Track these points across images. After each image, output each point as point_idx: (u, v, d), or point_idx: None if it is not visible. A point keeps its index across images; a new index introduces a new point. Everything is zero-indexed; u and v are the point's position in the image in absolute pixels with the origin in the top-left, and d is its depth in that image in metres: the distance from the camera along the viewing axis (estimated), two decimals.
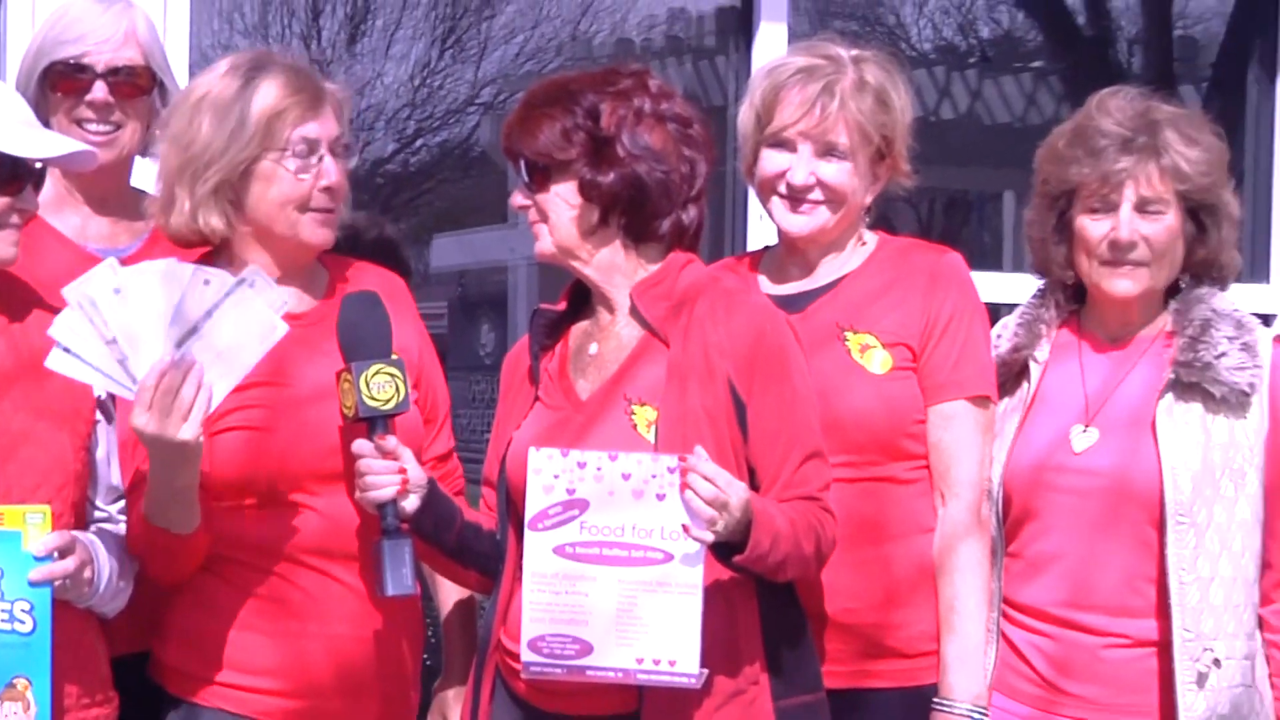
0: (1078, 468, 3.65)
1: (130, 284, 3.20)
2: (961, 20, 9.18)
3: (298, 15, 9.39)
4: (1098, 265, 3.68)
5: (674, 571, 3.17)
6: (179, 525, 3.33)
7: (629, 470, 3.18)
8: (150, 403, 3.16)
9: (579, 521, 3.19)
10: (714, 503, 3.15)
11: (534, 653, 3.20)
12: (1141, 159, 3.63)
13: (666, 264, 3.46)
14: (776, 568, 3.29)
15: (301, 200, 3.47)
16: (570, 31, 9.02)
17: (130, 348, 3.19)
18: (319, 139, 3.47)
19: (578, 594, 3.19)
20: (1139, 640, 3.62)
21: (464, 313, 10.30)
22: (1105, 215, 3.66)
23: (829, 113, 3.66)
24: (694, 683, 3.19)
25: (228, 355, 3.21)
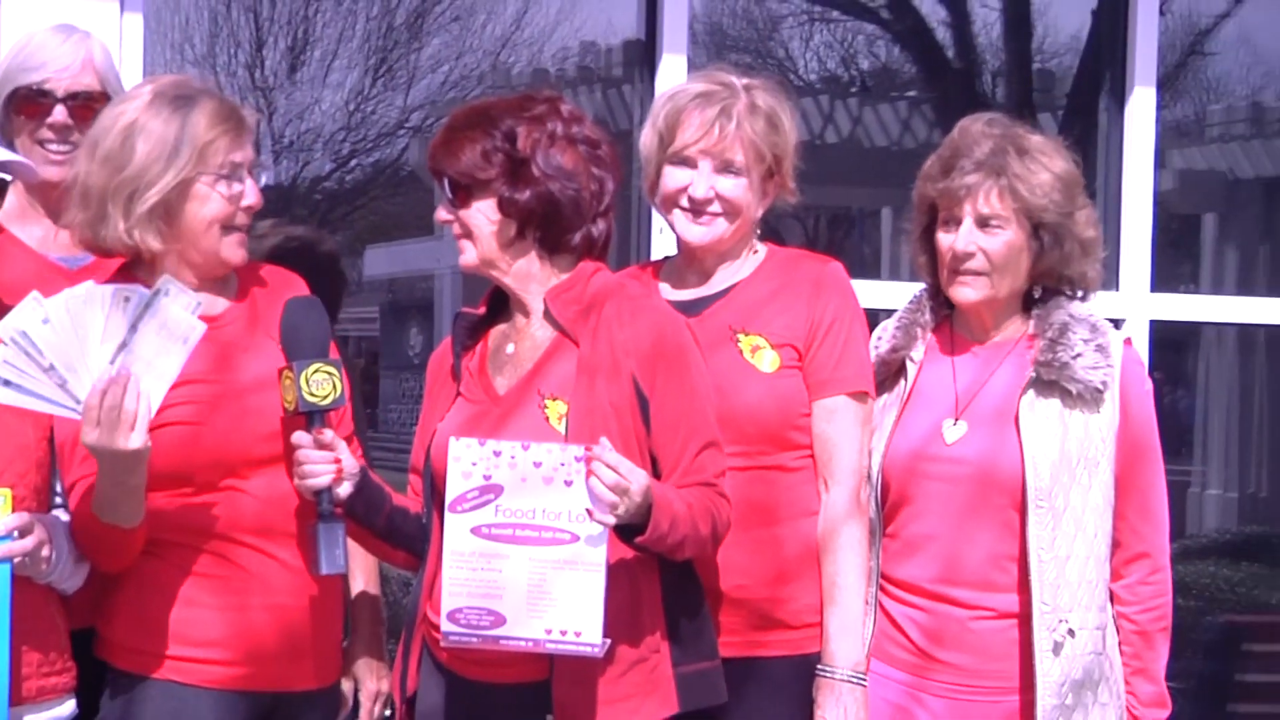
0: (949, 457, 3.66)
1: (57, 312, 3.16)
2: (844, 53, 9.21)
3: (243, 46, 9.33)
4: (947, 274, 3.70)
5: (580, 551, 3.17)
6: (127, 520, 3.30)
7: (540, 459, 3.18)
8: (97, 420, 3.14)
9: (494, 505, 3.18)
10: (616, 489, 3.15)
11: (452, 624, 3.20)
12: (984, 178, 3.64)
13: (577, 271, 3.45)
14: (675, 547, 3.30)
15: (226, 219, 3.44)
16: (491, 62, 9.01)
17: (68, 371, 3.16)
18: (242, 163, 3.45)
19: (493, 570, 3.18)
20: (1003, 613, 3.64)
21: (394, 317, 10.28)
22: (954, 229, 3.68)
23: (727, 133, 3.67)
24: (597, 652, 3.19)
25: (157, 362, 3.19)
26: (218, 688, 3.40)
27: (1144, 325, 5.48)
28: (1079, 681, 3.62)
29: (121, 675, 3.43)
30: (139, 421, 3.14)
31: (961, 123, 3.77)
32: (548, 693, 3.30)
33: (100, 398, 3.13)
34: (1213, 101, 11.08)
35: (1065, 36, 8.49)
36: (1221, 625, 8.18)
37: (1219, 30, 9.77)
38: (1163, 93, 5.93)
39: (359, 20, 9.15)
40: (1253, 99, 11.09)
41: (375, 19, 9.18)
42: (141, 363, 3.17)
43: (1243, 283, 11.20)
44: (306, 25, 9.38)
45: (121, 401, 3.13)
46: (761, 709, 3.62)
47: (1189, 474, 11.54)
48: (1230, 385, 11.64)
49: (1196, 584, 8.66)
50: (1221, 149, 11.29)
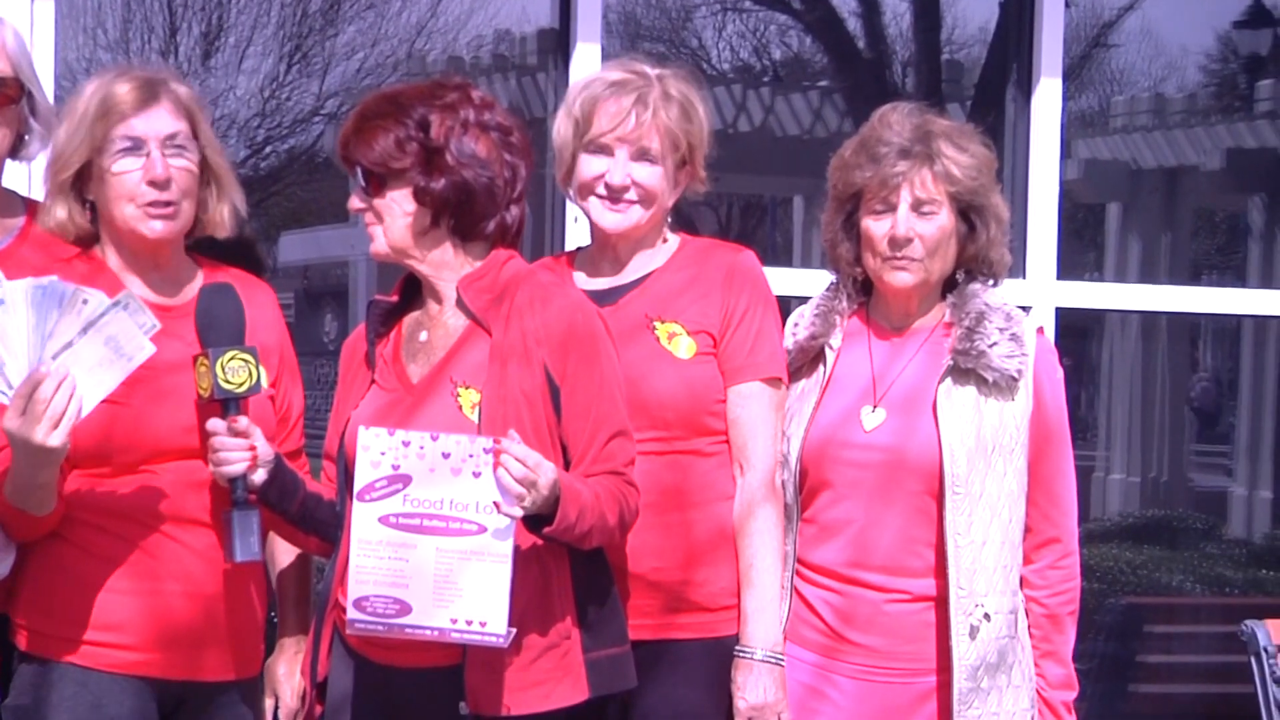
0: (866, 443, 3.67)
1: (14, 296, 3.14)
2: (756, 43, 9.24)
3: (156, 32, 9.24)
4: (880, 261, 3.70)
5: (487, 542, 3.16)
6: (37, 509, 3.27)
7: (449, 450, 3.16)
8: (23, 409, 3.10)
9: (403, 494, 3.17)
10: (524, 481, 3.14)
11: (359, 611, 3.18)
12: (916, 164, 3.65)
13: (490, 260, 3.43)
14: (583, 537, 3.29)
15: (130, 195, 3.40)
16: (406, 50, 8.96)
17: (8, 355, 3.13)
18: (144, 136, 3.40)
19: (400, 560, 3.17)
20: (918, 596, 3.65)
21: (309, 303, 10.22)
22: (885, 215, 3.68)
23: (643, 120, 3.66)
24: (502, 642, 3.18)
25: (98, 370, 3.16)
26: (126, 673, 3.36)
27: (1050, 312, 5.52)
28: (993, 664, 3.63)
29: (29, 659, 3.39)
30: (64, 421, 3.11)
31: (879, 111, 3.77)
32: (459, 678, 3.28)
33: (32, 388, 3.09)
34: (1117, 93, 11.20)
35: (973, 28, 8.55)
36: (1123, 607, 8.27)
37: (1123, 23, 9.88)
38: (1068, 84, 5.97)
39: (274, 6, 9.08)
40: (1155, 90, 11.22)
41: (290, 5, 9.11)
42: (82, 366, 3.14)
43: (1145, 270, 11.33)
44: (221, 11, 9.30)
45: (52, 396, 3.09)
46: (674, 690, 3.62)
47: (1093, 459, 11.67)
48: (1133, 372, 11.78)
49: (1099, 566, 8.75)
50: (1125, 139, 11.41)
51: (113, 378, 3.18)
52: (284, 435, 3.56)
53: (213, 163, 3.51)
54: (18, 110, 3.68)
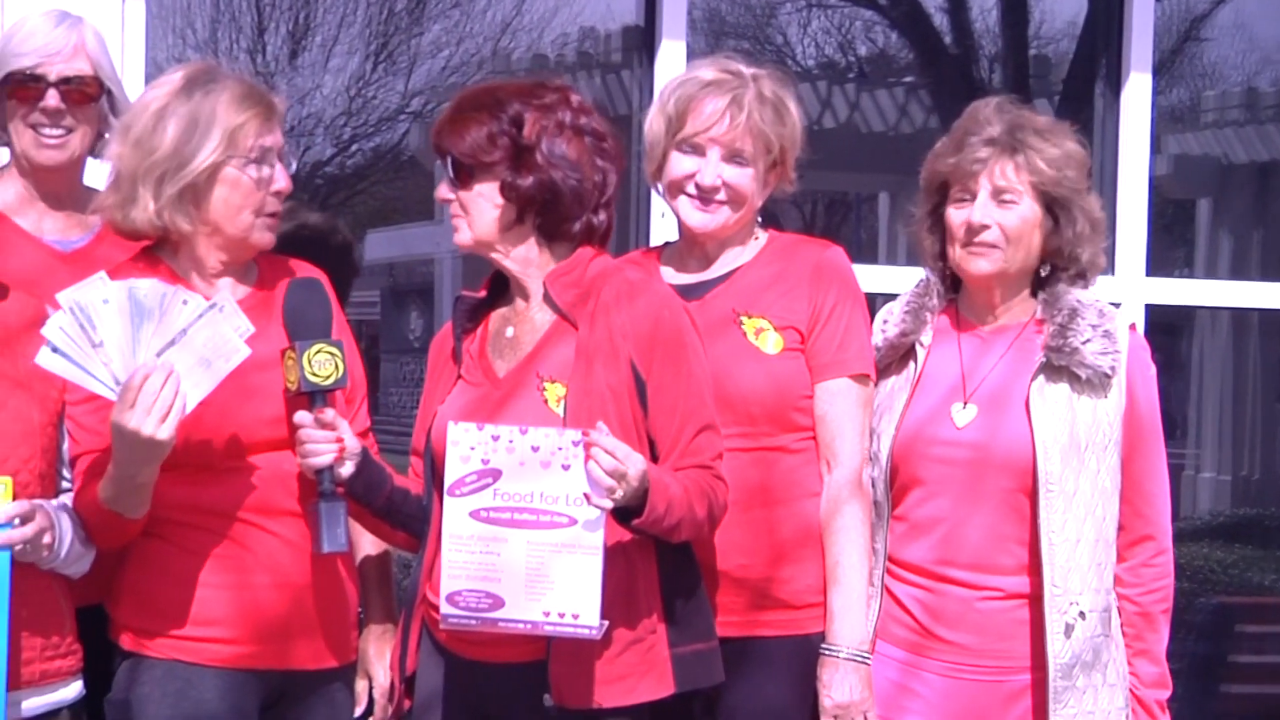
0: (957, 440, 3.66)
1: (118, 296, 3.19)
2: (841, 40, 9.20)
3: (244, 31, 9.32)
4: (959, 249, 3.69)
5: (577, 534, 3.17)
6: (132, 511, 3.30)
7: (538, 443, 3.17)
8: (133, 402, 3.13)
9: (493, 489, 3.18)
10: (613, 473, 3.14)
11: (451, 606, 3.19)
12: (999, 153, 3.65)
13: (576, 256, 3.44)
14: (671, 530, 3.29)
15: (257, 205, 3.44)
16: (491, 47, 8.99)
17: (115, 352, 3.17)
18: (271, 148, 3.45)
19: (491, 554, 3.18)
20: (1011, 593, 3.63)
21: (394, 301, 10.27)
22: (966, 203, 3.67)
23: (737, 122, 3.66)
24: (594, 634, 3.19)
25: (198, 369, 3.21)
26: (224, 666, 3.39)
27: (1139, 309, 5.47)
28: (1088, 663, 3.62)
29: (128, 655, 3.42)
30: (171, 415, 3.14)
31: (972, 105, 3.77)
32: (545, 672, 3.29)
33: (141, 381, 3.14)
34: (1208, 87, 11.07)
35: (1061, 22, 8.48)
36: (1214, 607, 8.20)
37: (1214, 16, 9.76)
38: (1158, 78, 5.90)
39: (360, 5, 9.14)
40: (1247, 84, 11.08)
41: (376, 4, 9.16)
42: (184, 365, 3.19)
43: (1236, 267, 11.20)
44: (308, 10, 9.37)
45: (160, 390, 3.14)
46: (760, 688, 3.61)
47: (1183, 457, 11.55)
48: (1224, 369, 11.64)
49: (1190, 566, 8.68)
50: (1216, 134, 11.28)
51: (210, 378, 3.22)
52: (350, 416, 3.56)
53: None
54: (98, 108, 3.74)
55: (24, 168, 3.73)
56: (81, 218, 3.77)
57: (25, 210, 3.74)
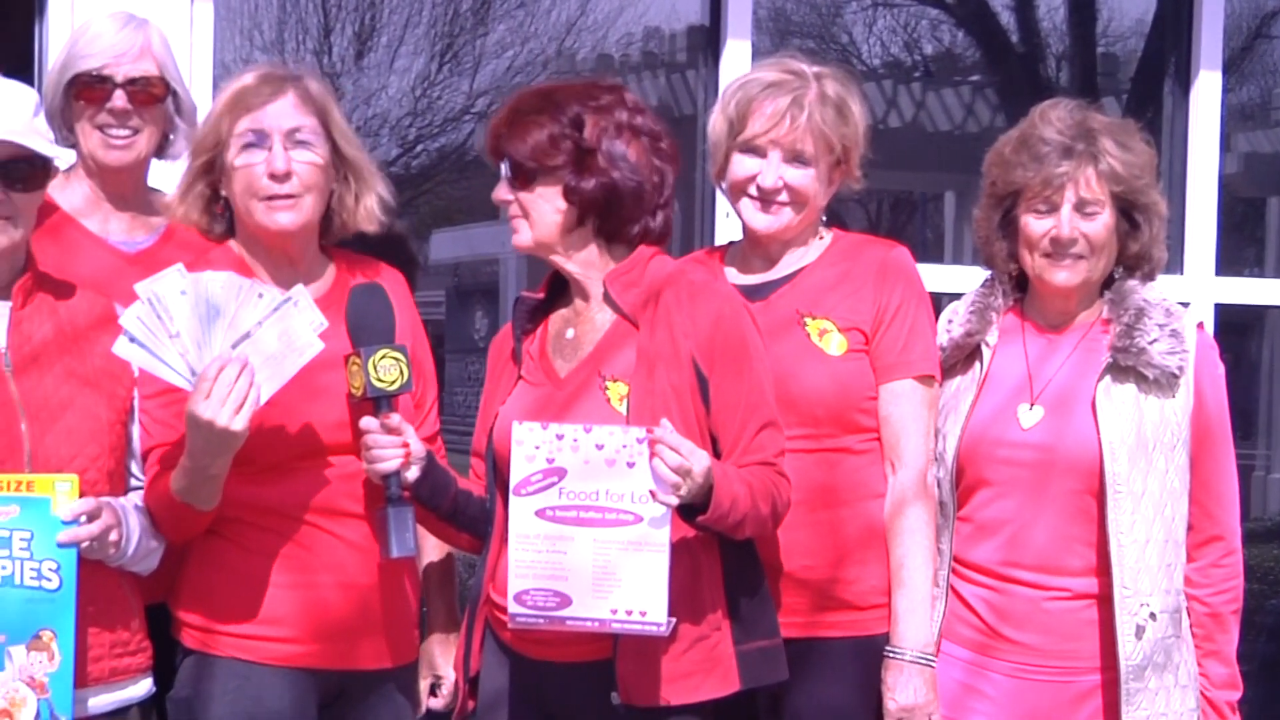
0: (1024, 441, 3.65)
1: (194, 288, 3.23)
2: (907, 38, 9.16)
3: (310, 33, 9.35)
4: (1040, 259, 3.67)
5: (644, 531, 3.17)
6: (203, 503, 3.32)
7: (602, 441, 3.18)
8: (208, 392, 3.16)
9: (558, 487, 3.19)
10: (679, 470, 3.14)
11: (519, 605, 3.20)
12: (1080, 164, 3.62)
13: (635, 255, 3.45)
14: (736, 526, 3.29)
15: (253, 188, 3.44)
16: (556, 48, 8.99)
17: (191, 343, 3.21)
18: (267, 130, 3.43)
19: (558, 553, 3.18)
20: (1079, 594, 3.62)
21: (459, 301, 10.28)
22: (1048, 215, 3.65)
23: (798, 124, 3.65)
24: (663, 631, 3.19)
25: (272, 362, 3.24)
26: (285, 665, 3.41)
27: (1209, 308, 5.44)
28: (1159, 664, 3.61)
29: (191, 654, 3.45)
30: (246, 406, 3.17)
31: (1038, 107, 3.75)
32: (611, 671, 3.30)
33: (217, 371, 3.16)
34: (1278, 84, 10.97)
35: (1130, 20, 8.41)
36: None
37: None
38: (1228, 75, 5.87)
39: (425, 6, 9.16)
40: None
41: (441, 4, 9.19)
42: (259, 357, 3.22)
43: None
44: (373, 11, 9.40)
45: (235, 381, 3.16)
46: (824, 689, 3.62)
47: (1253, 457, 11.45)
48: None
49: (1260, 567, 8.61)
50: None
51: (285, 371, 3.25)
52: (419, 421, 3.58)
53: (349, 157, 3.53)
54: (164, 109, 3.77)
55: (90, 169, 3.76)
56: (146, 219, 3.81)
57: (91, 212, 3.77)
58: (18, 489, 3.10)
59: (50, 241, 3.51)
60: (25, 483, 3.11)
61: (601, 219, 3.41)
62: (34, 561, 3.09)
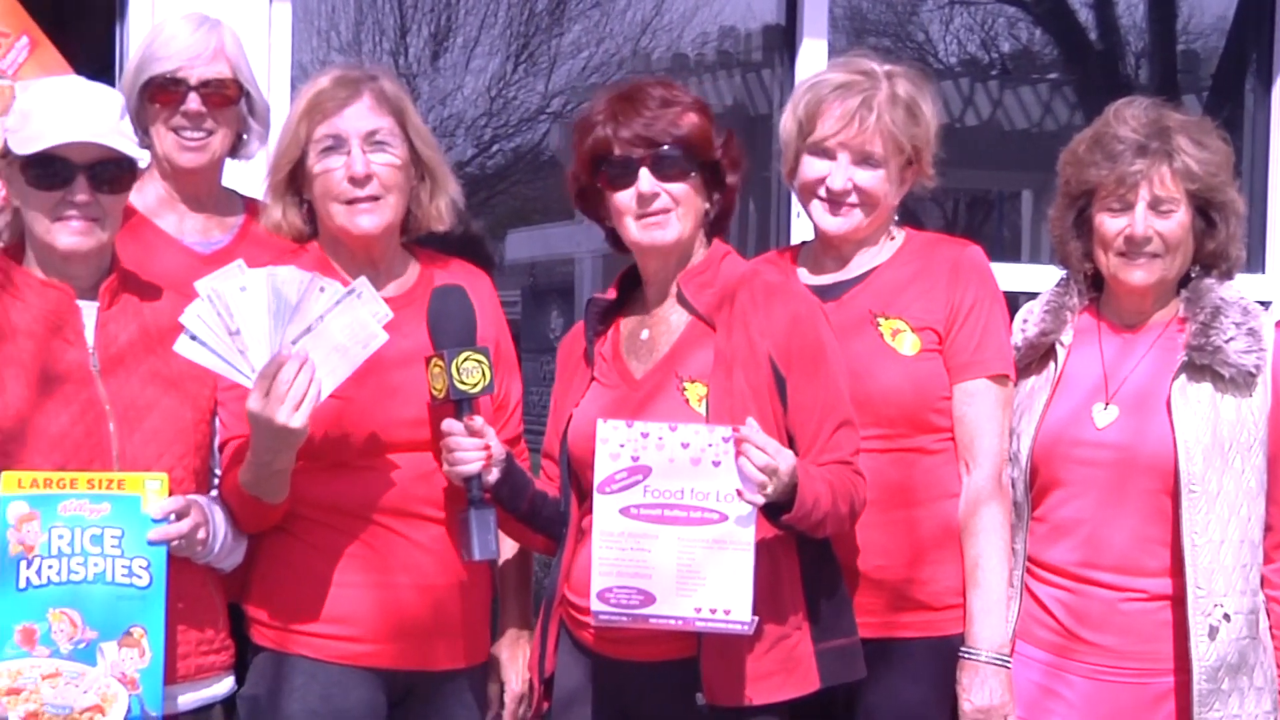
0: (1099, 441, 3.64)
1: (255, 284, 3.23)
2: (984, 36, 9.12)
3: (387, 34, 9.40)
4: (1115, 258, 3.67)
5: (729, 530, 3.18)
6: (271, 496, 3.35)
7: (687, 440, 3.19)
8: (267, 390, 3.18)
9: (643, 485, 3.20)
10: (765, 469, 3.16)
11: (602, 603, 3.22)
12: (1155, 162, 3.61)
13: (709, 255, 3.47)
14: (817, 525, 3.31)
15: (334, 192, 3.47)
16: (631, 48, 8.99)
17: (251, 340, 3.22)
18: (345, 134, 3.46)
19: (642, 550, 3.20)
20: (1155, 595, 3.61)
21: (534, 300, 10.29)
22: (1122, 213, 3.65)
23: (867, 125, 3.66)
24: (747, 629, 3.21)
25: (335, 356, 3.24)
26: (356, 665, 3.44)
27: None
28: (1234, 666, 3.59)
29: (262, 651, 3.48)
30: (305, 403, 3.18)
31: (1113, 105, 3.73)
32: (694, 670, 3.31)
33: (275, 368, 3.18)
34: None
35: (1210, 16, 8.35)
36: None
37: None
38: None
39: (501, 6, 9.19)
40: None
41: (517, 5, 9.21)
42: (320, 352, 3.23)
43: None
44: (449, 12, 9.43)
45: (294, 378, 3.18)
46: (899, 689, 3.62)
47: None
48: None
49: None
50: None
51: (348, 364, 3.25)
52: (502, 423, 3.61)
53: (425, 157, 3.56)
54: (237, 110, 3.81)
55: (165, 170, 3.79)
56: (221, 218, 3.85)
57: (166, 213, 3.81)
58: (108, 487, 3.15)
59: (128, 242, 3.55)
60: (116, 481, 3.16)
61: (719, 217, 3.47)
62: (125, 559, 3.14)
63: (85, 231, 3.26)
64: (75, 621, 3.12)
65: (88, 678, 3.11)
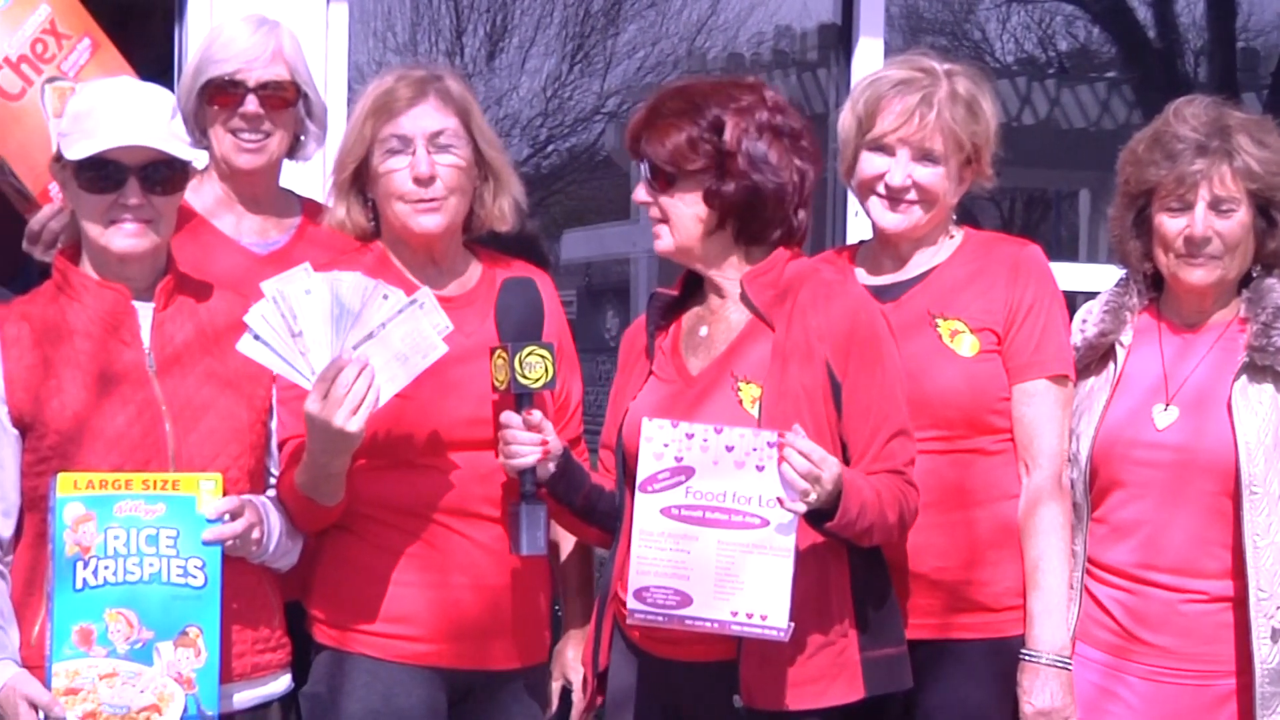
0: (1159, 442, 3.62)
1: (319, 287, 3.24)
2: (1041, 35, 9.09)
3: (443, 34, 9.44)
4: (1174, 258, 3.65)
5: (769, 536, 3.17)
6: (326, 499, 3.36)
7: (732, 443, 3.18)
8: (326, 392, 3.19)
9: (685, 486, 3.19)
10: (808, 476, 3.14)
11: (639, 602, 3.21)
12: (1215, 161, 3.59)
13: (773, 256, 3.44)
14: (862, 534, 3.29)
15: (399, 192, 3.48)
16: (687, 47, 9.01)
17: (313, 343, 3.23)
18: (411, 134, 3.47)
19: (681, 551, 3.19)
20: (1215, 597, 3.59)
21: (590, 300, 10.31)
22: (1182, 213, 3.62)
23: (927, 122, 3.64)
24: (782, 636, 3.19)
25: (394, 364, 3.25)
26: (416, 664, 3.44)
27: None
28: None
29: (324, 650, 3.49)
30: (363, 408, 3.19)
31: (1173, 104, 3.71)
32: (735, 672, 3.30)
33: (335, 372, 3.19)
34: None
35: (1270, 14, 8.31)
36: None
37: None
38: None
39: (556, 6, 9.21)
40: None
41: (572, 5, 9.23)
42: (380, 359, 3.23)
43: None
44: (505, 12, 9.46)
45: (353, 383, 3.18)
46: (959, 690, 3.60)
47: None
48: None
49: None
50: None
51: (406, 373, 3.26)
52: (564, 422, 3.61)
53: (489, 157, 3.56)
54: (295, 112, 3.82)
55: (223, 172, 3.80)
56: (278, 219, 3.86)
57: (223, 213, 3.82)
58: (164, 488, 3.16)
59: (186, 243, 3.56)
60: (171, 482, 3.17)
61: (742, 222, 3.40)
62: (180, 559, 3.16)
63: (139, 234, 3.27)
64: (131, 622, 3.13)
65: (144, 677, 3.13)
